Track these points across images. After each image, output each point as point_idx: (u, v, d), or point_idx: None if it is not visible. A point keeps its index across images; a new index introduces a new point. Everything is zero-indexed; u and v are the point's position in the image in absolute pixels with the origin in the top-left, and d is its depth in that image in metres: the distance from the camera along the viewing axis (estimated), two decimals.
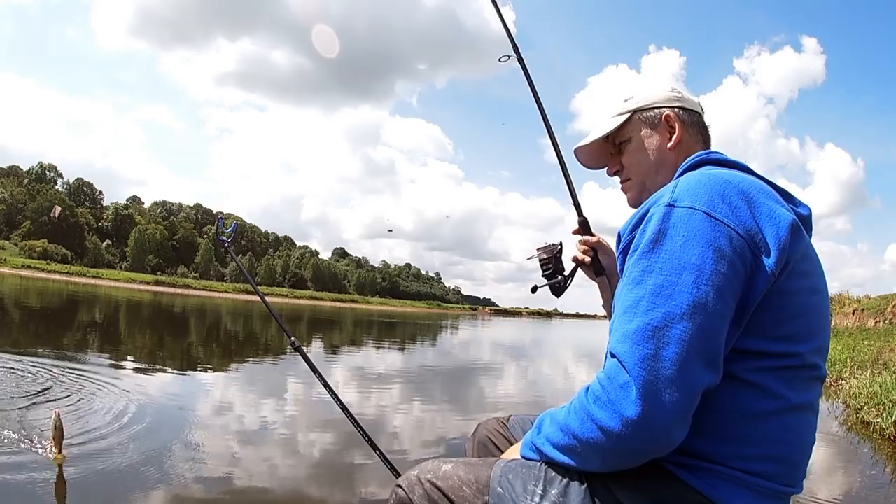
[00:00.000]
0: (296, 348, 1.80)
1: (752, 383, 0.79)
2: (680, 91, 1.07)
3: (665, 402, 0.71)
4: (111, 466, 2.55)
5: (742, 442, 0.79)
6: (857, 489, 3.33)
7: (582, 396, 0.80)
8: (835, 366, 9.51)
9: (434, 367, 8.68)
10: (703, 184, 0.81)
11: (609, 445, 0.75)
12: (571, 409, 0.82)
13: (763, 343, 0.79)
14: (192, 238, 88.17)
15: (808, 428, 0.85)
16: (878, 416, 5.10)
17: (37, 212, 67.68)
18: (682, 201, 0.80)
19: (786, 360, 0.80)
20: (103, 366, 5.39)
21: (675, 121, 1.02)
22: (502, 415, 1.37)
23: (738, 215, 0.77)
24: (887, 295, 18.66)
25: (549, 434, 0.86)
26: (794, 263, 0.80)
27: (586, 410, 0.78)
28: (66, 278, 50.50)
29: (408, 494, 0.90)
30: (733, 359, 0.79)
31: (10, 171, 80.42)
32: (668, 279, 0.75)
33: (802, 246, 0.81)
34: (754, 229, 0.77)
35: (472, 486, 0.87)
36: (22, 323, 9.99)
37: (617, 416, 0.73)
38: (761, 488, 0.79)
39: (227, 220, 2.07)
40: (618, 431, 0.73)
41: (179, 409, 3.93)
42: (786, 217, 0.80)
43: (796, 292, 0.80)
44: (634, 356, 0.73)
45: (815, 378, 0.85)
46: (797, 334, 0.81)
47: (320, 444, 3.41)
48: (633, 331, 0.75)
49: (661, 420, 0.72)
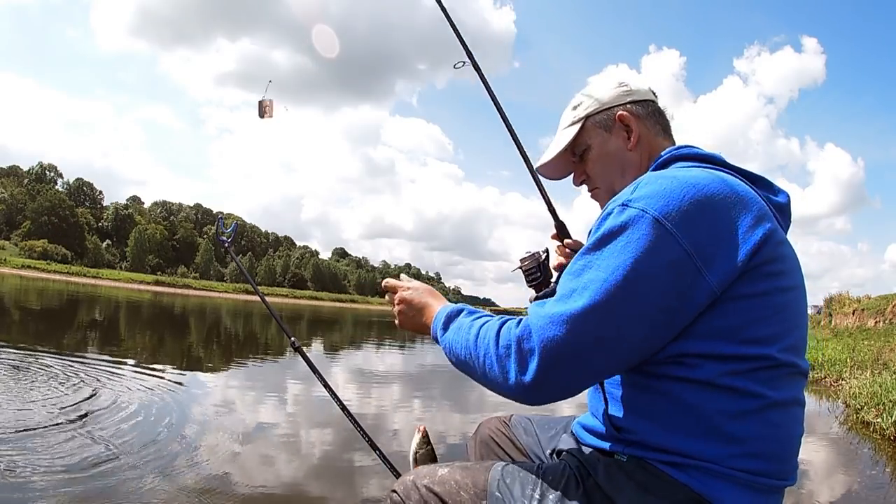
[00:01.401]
0: (296, 348, 1.80)
1: (729, 388, 0.79)
2: (627, 84, 1.04)
3: (552, 381, 0.78)
4: (110, 465, 2.55)
5: (729, 441, 0.79)
6: (857, 489, 3.32)
7: (494, 336, 0.83)
8: (835, 366, 9.50)
9: (434, 367, 8.67)
10: (663, 187, 0.79)
11: (490, 385, 0.84)
12: (481, 338, 0.85)
13: (732, 347, 0.79)
14: (192, 238, 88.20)
15: (794, 422, 0.85)
16: (878, 416, 5.10)
17: (37, 212, 67.69)
18: (637, 202, 0.79)
19: (758, 363, 0.80)
20: (102, 364, 5.39)
21: (630, 119, 1.00)
22: (503, 414, 1.37)
23: (689, 226, 0.76)
24: (887, 295, 18.66)
25: (451, 340, 0.91)
26: (760, 268, 0.79)
27: (494, 352, 0.82)
28: (66, 278, 50.52)
29: (403, 500, 0.88)
30: (705, 365, 0.79)
31: (10, 171, 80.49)
32: (599, 276, 0.77)
33: (773, 250, 0.80)
34: (704, 242, 0.76)
35: (470, 491, 0.86)
36: (22, 322, 9.99)
37: (512, 374, 0.79)
38: (753, 484, 0.80)
39: (227, 220, 2.07)
40: (505, 385, 0.81)
41: (179, 408, 3.92)
42: (750, 233, 0.79)
43: (763, 294, 0.79)
44: (545, 333, 0.77)
45: (794, 374, 0.84)
46: (766, 336, 0.80)
47: (320, 444, 3.41)
48: (555, 313, 0.78)
49: (543, 394, 0.79)
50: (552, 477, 0.85)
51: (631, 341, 0.77)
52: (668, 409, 0.82)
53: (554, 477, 0.85)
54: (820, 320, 21.15)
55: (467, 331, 0.89)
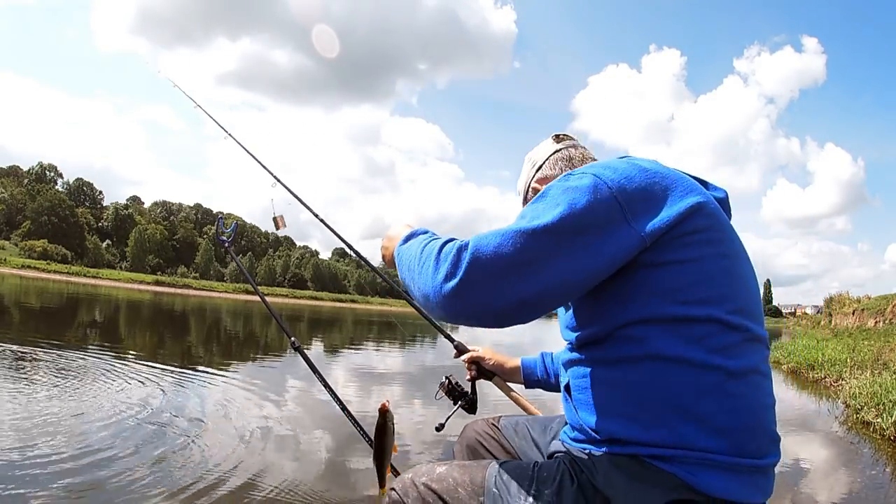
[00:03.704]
0: (296, 348, 1.80)
1: (684, 360, 0.81)
2: (531, 158, 1.23)
3: (476, 283, 0.81)
4: (109, 464, 2.56)
5: (697, 421, 0.80)
6: (857, 489, 3.33)
7: (440, 244, 0.88)
8: (835, 366, 9.50)
9: (434, 367, 8.67)
10: (604, 162, 0.91)
11: (421, 286, 0.88)
12: (429, 247, 0.90)
13: (674, 307, 0.82)
14: (192, 238, 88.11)
15: (758, 391, 0.85)
16: (878, 416, 5.10)
17: (37, 212, 67.71)
18: (580, 169, 0.90)
19: (706, 327, 0.82)
20: (102, 364, 5.39)
21: (542, 182, 1.18)
22: (490, 415, 1.36)
23: (623, 185, 0.84)
24: (887, 295, 18.69)
25: (404, 249, 0.98)
26: (692, 235, 0.84)
27: (434, 256, 0.87)
28: (66, 278, 50.50)
29: (402, 498, 0.90)
30: (653, 334, 0.83)
31: (10, 171, 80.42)
32: (538, 209, 0.84)
33: (704, 220, 0.86)
34: (636, 199, 0.84)
35: (468, 488, 0.88)
36: (21, 322, 9.99)
37: (442, 273, 0.84)
38: (732, 465, 0.80)
39: (227, 220, 2.08)
40: (433, 284, 0.85)
41: (179, 408, 3.92)
42: (678, 199, 0.86)
43: (698, 259, 0.84)
44: (481, 241, 0.83)
45: (749, 340, 0.85)
46: (708, 297, 0.83)
47: (320, 444, 3.41)
48: (494, 230, 0.84)
49: (466, 299, 0.82)
50: (547, 473, 0.87)
51: (557, 266, 0.81)
52: (633, 401, 0.84)
53: (549, 473, 0.87)
54: (820, 320, 21.14)
55: (420, 242, 0.95)
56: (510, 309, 0.82)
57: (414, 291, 0.91)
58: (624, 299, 0.85)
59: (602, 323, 0.88)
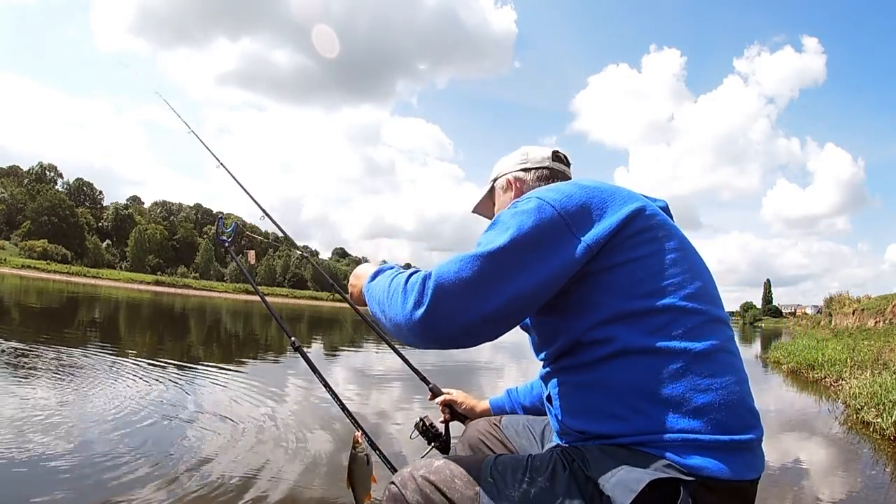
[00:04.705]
0: (296, 348, 1.80)
1: (650, 350, 0.87)
2: (526, 154, 1.29)
3: (442, 307, 0.87)
4: (108, 463, 2.56)
5: (672, 405, 0.85)
6: (857, 489, 3.33)
7: (406, 277, 0.95)
8: (835, 366, 9.50)
9: (434, 367, 8.67)
10: (548, 187, 0.99)
11: (393, 318, 0.94)
12: (395, 281, 0.96)
13: (632, 301, 0.89)
14: (192, 238, 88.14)
15: (727, 368, 0.90)
16: (878, 416, 5.10)
17: (37, 212, 67.72)
18: (526, 195, 0.98)
19: (665, 316, 0.88)
20: (102, 363, 5.39)
21: (514, 181, 1.26)
22: (493, 416, 1.37)
23: (565, 203, 0.93)
24: (887, 295, 18.71)
25: (373, 286, 1.04)
26: (636, 236, 0.92)
27: (402, 289, 0.92)
28: (66, 278, 50.52)
29: (401, 490, 0.92)
30: (617, 332, 0.89)
31: (10, 171, 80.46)
32: (492, 235, 0.92)
33: (646, 221, 0.94)
34: (577, 213, 0.92)
35: (464, 479, 0.90)
36: (21, 321, 9.98)
37: (410, 304, 0.90)
38: (714, 444, 0.84)
39: (227, 220, 2.07)
40: (402, 314, 0.91)
41: (179, 407, 3.92)
42: (619, 208, 0.94)
43: (647, 256, 0.92)
44: (443, 269, 0.89)
45: (710, 321, 0.91)
46: (661, 287, 0.90)
47: (320, 444, 3.41)
48: (455, 256, 0.90)
49: (436, 325, 0.88)
50: (540, 463, 0.90)
51: (513, 282, 0.88)
52: (609, 398, 0.89)
53: (542, 462, 0.90)
54: (820, 320, 21.14)
55: (388, 277, 1.01)
56: (475, 327, 0.88)
57: (385, 323, 0.97)
58: (584, 307, 0.92)
59: (567, 334, 0.94)
